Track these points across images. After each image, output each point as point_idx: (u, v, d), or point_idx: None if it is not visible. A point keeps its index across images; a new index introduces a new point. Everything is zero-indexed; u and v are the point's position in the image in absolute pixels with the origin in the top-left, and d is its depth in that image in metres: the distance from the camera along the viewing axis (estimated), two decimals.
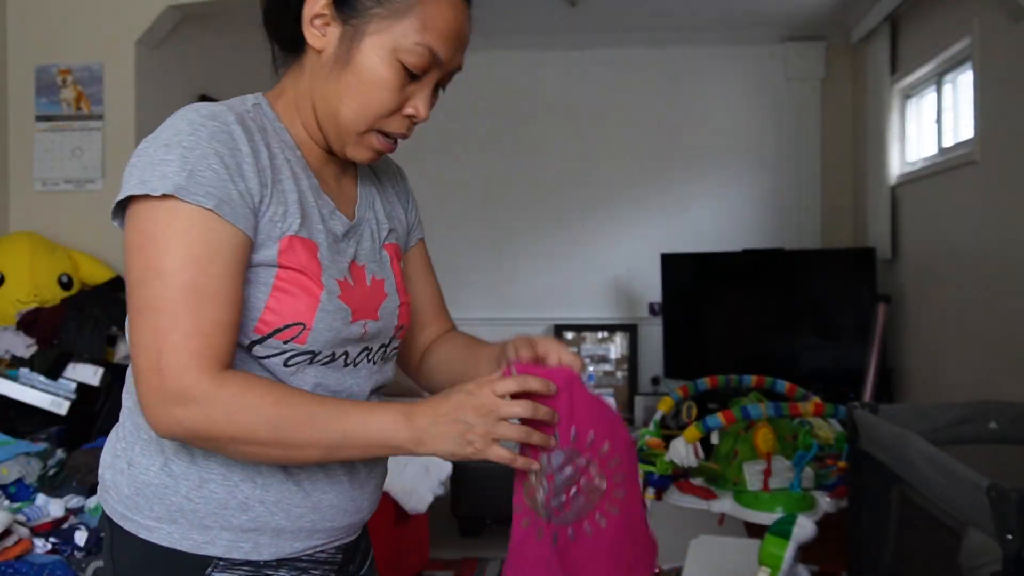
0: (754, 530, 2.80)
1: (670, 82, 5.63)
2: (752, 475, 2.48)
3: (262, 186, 0.97)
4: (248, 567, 1.01)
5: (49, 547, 2.06)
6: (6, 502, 2.19)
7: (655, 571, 1.05)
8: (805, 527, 1.82)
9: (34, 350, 2.81)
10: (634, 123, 5.66)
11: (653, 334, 5.54)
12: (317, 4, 1.00)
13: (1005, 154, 3.54)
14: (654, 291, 5.46)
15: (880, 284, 4.88)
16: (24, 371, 2.68)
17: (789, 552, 1.78)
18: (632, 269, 5.67)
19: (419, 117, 1.03)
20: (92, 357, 2.80)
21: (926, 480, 1.76)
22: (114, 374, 2.76)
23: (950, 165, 4.08)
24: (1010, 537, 1.43)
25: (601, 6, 4.92)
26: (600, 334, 5.73)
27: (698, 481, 2.64)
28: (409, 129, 1.05)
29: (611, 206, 5.68)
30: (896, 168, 4.81)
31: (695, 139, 5.62)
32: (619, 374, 5.70)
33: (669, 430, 3.15)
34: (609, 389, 5.08)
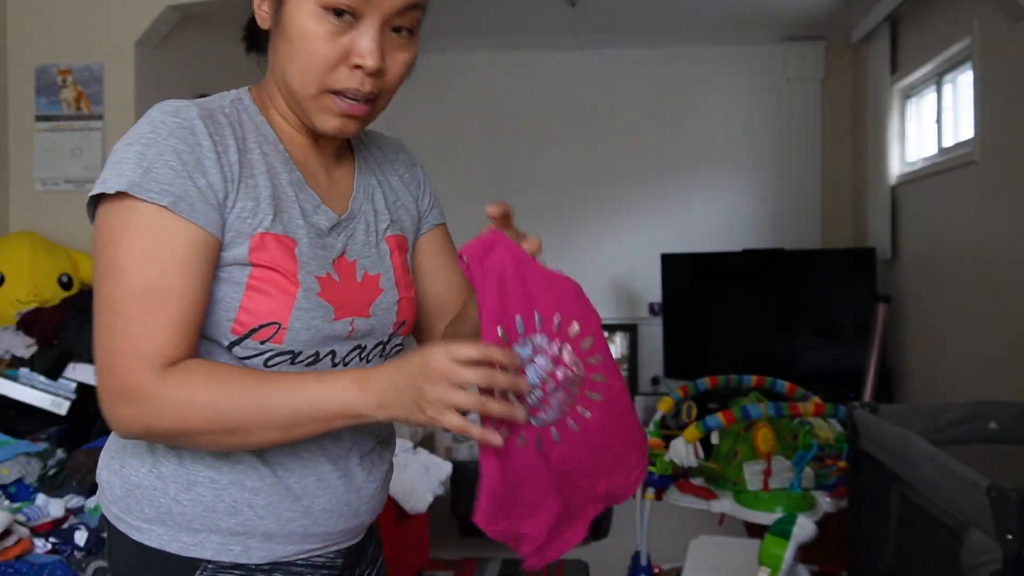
0: (754, 530, 2.80)
1: (670, 82, 5.63)
2: (752, 475, 2.49)
3: (227, 181, 0.95)
4: (238, 570, 1.00)
5: (49, 547, 2.06)
6: (6, 502, 2.19)
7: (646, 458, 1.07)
8: (805, 527, 1.82)
9: (34, 350, 2.81)
10: (634, 123, 5.66)
11: (653, 334, 5.54)
12: None
13: (1005, 154, 3.54)
14: (654, 291, 5.46)
15: (880, 284, 4.88)
16: (24, 371, 2.67)
17: (789, 552, 1.78)
18: (632, 269, 5.66)
19: (365, 64, 0.95)
20: (92, 357, 2.79)
21: (926, 480, 1.76)
22: None
23: (950, 165, 4.08)
24: (1010, 537, 1.43)
25: (601, 6, 4.92)
26: None
27: (698, 481, 2.64)
28: (365, 82, 0.96)
29: (611, 206, 5.68)
30: (896, 168, 4.81)
31: (695, 139, 5.62)
32: None
33: (669, 430, 3.15)
34: None
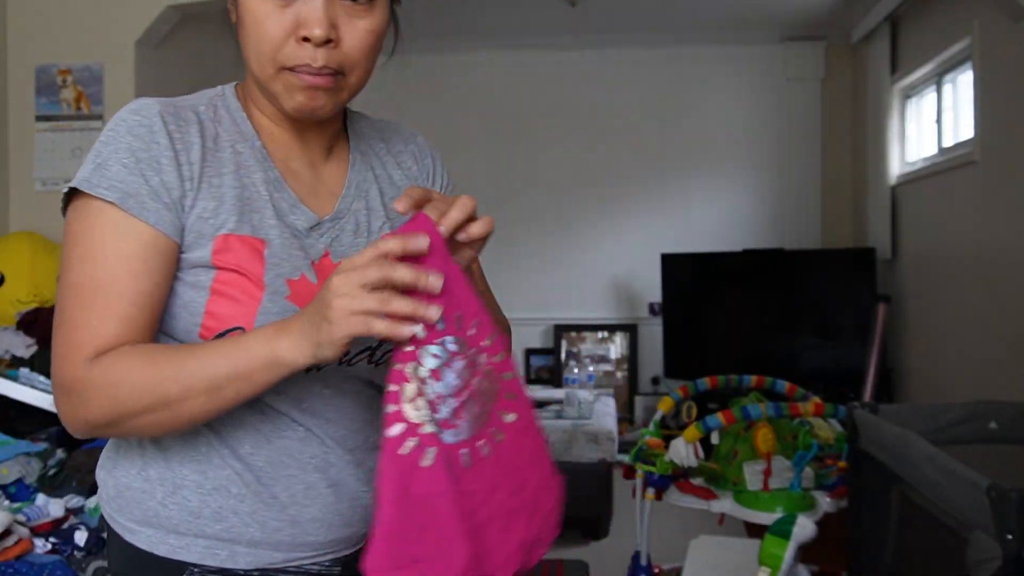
0: (754, 530, 2.79)
1: (670, 82, 5.63)
2: (752, 475, 2.49)
3: (184, 180, 0.92)
4: (224, 575, 0.98)
5: (49, 547, 2.06)
6: (6, 502, 2.19)
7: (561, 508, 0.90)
8: (805, 527, 1.82)
9: (34, 350, 2.81)
10: (634, 123, 5.66)
11: (653, 334, 5.54)
12: None
13: (1005, 154, 3.54)
14: (654, 291, 5.46)
15: (880, 284, 4.88)
16: (24, 371, 2.67)
17: (789, 552, 1.77)
18: (632, 269, 5.67)
19: (312, 34, 0.90)
20: None
21: (926, 480, 1.76)
22: None
23: (950, 165, 4.08)
24: (1010, 537, 1.43)
25: (601, 6, 4.92)
26: (600, 334, 5.73)
27: (698, 481, 2.64)
28: (317, 56, 0.91)
29: (611, 206, 5.68)
30: (896, 168, 4.81)
31: (695, 139, 5.62)
32: (619, 374, 5.70)
33: (669, 430, 3.15)
34: (609, 389, 5.07)
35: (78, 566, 2.04)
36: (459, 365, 0.82)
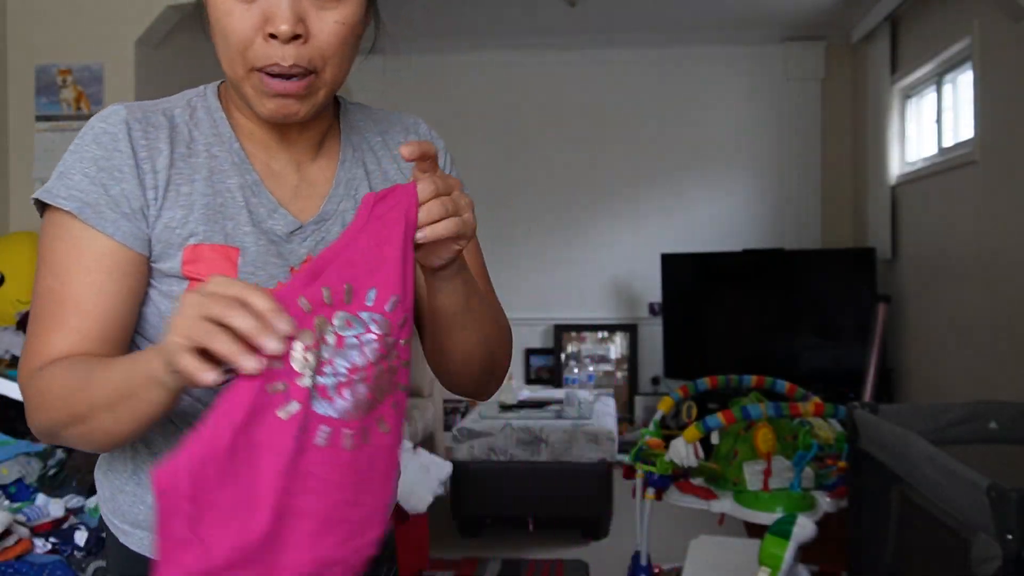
0: (754, 530, 2.80)
1: (670, 82, 5.63)
2: (752, 475, 2.49)
3: (147, 189, 0.90)
4: None
5: (49, 547, 2.06)
6: (6, 502, 2.19)
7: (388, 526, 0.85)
8: (805, 527, 1.82)
9: None
10: (634, 123, 5.66)
11: (653, 334, 5.54)
12: None
13: (1005, 154, 3.54)
14: (654, 291, 5.46)
15: (880, 284, 4.88)
16: None
17: (789, 552, 1.78)
18: (632, 269, 5.67)
19: (278, 30, 0.85)
20: None
21: (926, 480, 1.76)
22: None
23: (950, 165, 4.08)
24: (1010, 537, 1.43)
25: (600, 6, 4.92)
26: (600, 334, 5.73)
27: (698, 481, 2.64)
28: (286, 55, 0.86)
29: (611, 206, 5.68)
30: (896, 168, 4.82)
31: (695, 139, 5.62)
32: (619, 374, 5.70)
33: (669, 430, 3.15)
34: (609, 389, 5.07)
35: (78, 566, 2.03)
36: (371, 346, 0.76)
